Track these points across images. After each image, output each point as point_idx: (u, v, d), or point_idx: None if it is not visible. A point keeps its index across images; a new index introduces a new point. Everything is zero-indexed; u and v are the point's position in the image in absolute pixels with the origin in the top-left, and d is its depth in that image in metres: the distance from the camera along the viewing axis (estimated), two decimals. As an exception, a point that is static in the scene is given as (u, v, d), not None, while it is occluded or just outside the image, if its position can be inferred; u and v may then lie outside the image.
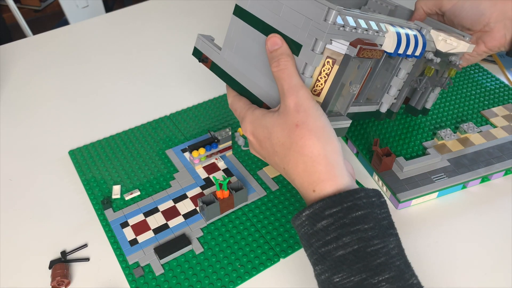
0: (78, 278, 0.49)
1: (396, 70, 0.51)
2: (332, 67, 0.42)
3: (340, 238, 0.35)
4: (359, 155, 0.62)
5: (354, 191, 0.37)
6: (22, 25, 1.59)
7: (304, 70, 0.41)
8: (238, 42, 0.47)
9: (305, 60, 0.41)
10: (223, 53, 0.48)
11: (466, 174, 0.56)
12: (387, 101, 0.53)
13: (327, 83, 0.42)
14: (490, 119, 0.65)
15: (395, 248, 0.37)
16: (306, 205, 0.39)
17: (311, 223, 0.37)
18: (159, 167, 0.61)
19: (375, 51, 0.43)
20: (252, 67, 0.46)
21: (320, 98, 0.43)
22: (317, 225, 0.37)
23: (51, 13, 2.68)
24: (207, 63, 0.50)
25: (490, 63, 0.79)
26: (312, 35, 0.40)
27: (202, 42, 0.51)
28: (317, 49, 0.40)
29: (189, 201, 0.56)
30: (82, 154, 0.64)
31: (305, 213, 0.38)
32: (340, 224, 0.36)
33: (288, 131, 0.40)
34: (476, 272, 0.48)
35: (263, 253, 0.50)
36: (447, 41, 0.52)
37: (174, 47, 0.88)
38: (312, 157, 0.39)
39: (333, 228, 0.36)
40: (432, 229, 0.53)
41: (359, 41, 0.41)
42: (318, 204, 0.37)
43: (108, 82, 0.80)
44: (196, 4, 1.02)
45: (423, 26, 0.51)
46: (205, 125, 0.68)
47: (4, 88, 0.79)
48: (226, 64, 0.48)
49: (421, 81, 0.56)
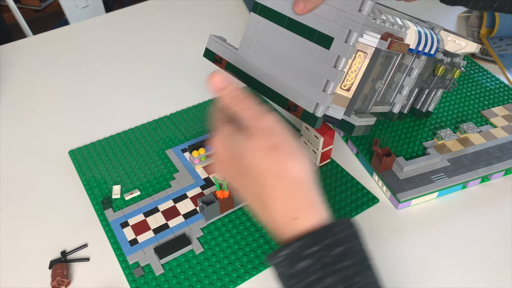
0: (78, 278, 0.49)
1: (409, 70, 0.51)
2: (363, 60, 0.41)
3: (322, 279, 0.33)
4: (359, 155, 0.62)
5: (333, 225, 0.35)
6: (22, 25, 1.59)
7: (337, 63, 0.41)
8: (258, 40, 0.46)
9: (338, 53, 0.40)
10: (241, 52, 0.48)
11: (466, 174, 0.56)
12: (399, 101, 0.53)
13: (357, 77, 0.42)
14: (490, 119, 0.65)
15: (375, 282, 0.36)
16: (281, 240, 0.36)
17: (289, 263, 0.34)
18: (159, 167, 0.61)
19: (402, 45, 0.42)
20: (274, 65, 0.45)
21: (350, 93, 0.43)
22: (296, 266, 0.34)
23: (51, 13, 2.68)
24: (221, 64, 0.50)
25: (490, 63, 0.80)
26: (346, 27, 0.40)
27: (215, 43, 0.50)
28: (351, 41, 0.40)
29: (189, 201, 0.56)
30: (82, 154, 0.64)
31: (284, 253, 0.34)
32: (322, 264, 0.33)
33: (264, 154, 0.36)
34: (476, 272, 0.48)
35: (263, 253, 0.50)
36: (456, 41, 0.53)
37: (174, 47, 0.88)
38: (294, 180, 0.36)
39: (315, 269, 0.33)
40: (432, 229, 0.53)
41: (389, 35, 0.41)
42: (296, 244, 0.34)
43: (108, 82, 0.80)
44: (196, 4, 1.02)
45: (434, 26, 0.51)
46: (205, 125, 0.68)
47: (4, 88, 0.79)
48: (244, 64, 0.47)
49: (431, 81, 0.56)
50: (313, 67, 0.42)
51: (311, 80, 0.42)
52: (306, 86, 0.42)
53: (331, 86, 0.41)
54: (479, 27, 0.89)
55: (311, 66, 0.42)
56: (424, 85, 0.57)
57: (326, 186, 0.57)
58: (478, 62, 0.79)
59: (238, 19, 0.96)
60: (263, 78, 0.46)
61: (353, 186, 0.58)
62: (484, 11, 0.61)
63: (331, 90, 0.41)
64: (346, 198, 0.56)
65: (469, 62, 0.79)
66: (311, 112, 0.42)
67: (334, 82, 0.41)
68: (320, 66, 0.42)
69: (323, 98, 0.41)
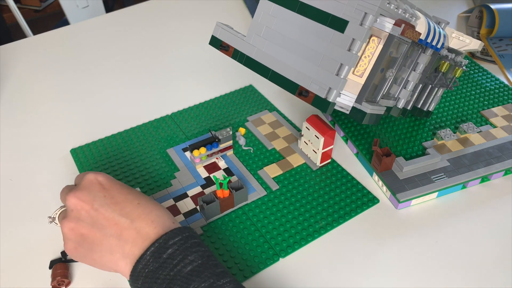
0: (78, 278, 0.49)
1: (414, 64, 0.51)
2: (377, 46, 0.41)
3: (186, 258, 0.40)
4: (359, 155, 0.62)
5: (187, 227, 0.43)
6: (22, 25, 1.59)
7: (351, 46, 0.40)
8: (268, 25, 0.46)
9: (353, 36, 0.40)
10: (249, 39, 0.47)
11: (466, 174, 0.56)
12: (404, 96, 0.53)
13: (370, 63, 0.42)
14: (490, 119, 0.66)
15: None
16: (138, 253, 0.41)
17: (156, 257, 0.40)
18: (160, 165, 0.61)
19: (415, 32, 0.42)
20: (285, 50, 0.45)
21: (362, 80, 0.42)
22: (162, 256, 0.40)
23: (51, 13, 2.68)
24: (228, 51, 0.50)
25: (490, 63, 0.80)
26: (361, 10, 0.40)
27: (222, 30, 0.50)
28: (367, 23, 0.40)
29: (190, 200, 0.56)
30: (84, 152, 0.64)
31: (150, 251, 0.40)
32: (183, 248, 0.41)
33: (114, 193, 0.45)
34: (476, 272, 0.48)
35: (262, 253, 0.50)
36: (460, 38, 0.53)
37: (175, 46, 0.88)
38: (150, 204, 0.45)
39: (178, 252, 0.40)
40: (432, 229, 0.53)
41: (402, 21, 0.41)
42: (161, 238, 0.41)
43: (109, 82, 0.80)
44: (196, 4, 1.02)
45: (441, 21, 0.51)
46: (206, 125, 0.68)
47: (4, 88, 0.79)
48: (253, 50, 0.47)
49: (435, 77, 0.56)
50: (326, 51, 0.42)
51: (323, 65, 0.42)
52: (319, 71, 0.42)
53: (345, 69, 0.41)
54: (479, 27, 0.89)
55: (324, 50, 0.42)
56: (428, 82, 0.57)
57: (326, 186, 0.58)
58: (478, 62, 0.79)
59: (238, 19, 0.96)
60: (272, 64, 0.46)
61: (353, 186, 0.58)
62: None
63: (345, 73, 0.41)
64: (346, 198, 0.56)
65: (469, 62, 0.79)
66: (323, 97, 0.42)
67: (349, 66, 0.41)
68: (333, 50, 0.41)
69: (337, 82, 0.41)
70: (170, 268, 0.40)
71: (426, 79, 0.56)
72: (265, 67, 0.46)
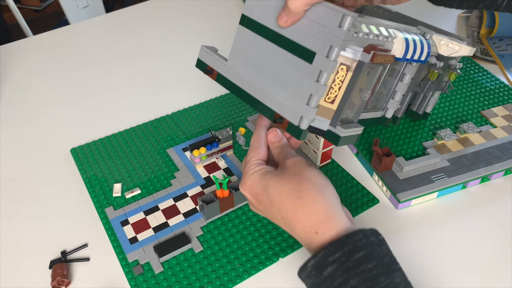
0: (78, 278, 0.49)
1: (400, 75, 0.51)
2: (346, 73, 0.41)
3: (347, 281, 0.36)
4: (359, 155, 0.62)
5: (352, 234, 0.38)
6: (22, 25, 1.59)
7: (319, 77, 0.41)
8: (246, 52, 0.46)
9: (320, 68, 0.40)
10: (230, 63, 0.48)
11: (466, 174, 0.56)
12: (392, 107, 0.53)
13: (341, 90, 0.42)
14: (490, 119, 0.66)
15: (401, 283, 0.38)
16: (310, 254, 0.40)
17: (317, 272, 0.38)
18: (160, 165, 0.61)
19: (387, 57, 0.42)
20: (261, 77, 0.45)
21: (334, 106, 0.43)
22: (323, 273, 0.37)
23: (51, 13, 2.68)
24: (213, 75, 0.50)
25: (490, 63, 0.80)
26: (327, 42, 0.40)
27: (206, 53, 0.50)
28: (332, 56, 0.40)
29: (189, 200, 0.56)
30: (84, 152, 0.64)
31: (310, 264, 0.38)
32: (344, 268, 0.37)
33: (285, 180, 0.42)
34: (476, 272, 0.48)
35: (262, 253, 0.50)
36: (449, 45, 0.53)
37: (175, 46, 0.88)
38: (311, 199, 0.41)
39: (339, 273, 0.37)
40: (432, 229, 0.53)
41: (372, 47, 0.41)
42: (320, 253, 0.38)
43: (109, 82, 0.80)
44: (196, 4, 1.02)
45: (426, 31, 0.51)
46: (206, 124, 0.68)
47: (5, 88, 0.79)
48: (233, 75, 0.48)
49: (424, 85, 0.56)
50: (297, 81, 0.42)
51: (295, 93, 0.42)
52: (291, 99, 0.43)
53: (314, 100, 0.41)
54: (479, 27, 0.89)
55: (295, 79, 0.42)
56: (418, 90, 0.57)
57: (326, 186, 0.57)
58: (478, 62, 0.79)
59: (238, 19, 0.96)
60: (251, 90, 0.46)
61: (353, 186, 0.58)
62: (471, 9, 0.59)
63: (314, 104, 0.41)
64: (346, 199, 0.56)
65: (469, 62, 0.79)
66: (296, 125, 0.42)
67: (317, 97, 0.41)
68: (303, 80, 0.42)
69: (307, 112, 0.42)
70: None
71: (416, 87, 0.56)
72: (245, 92, 0.47)
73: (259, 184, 0.44)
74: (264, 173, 0.44)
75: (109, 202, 0.57)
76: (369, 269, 0.36)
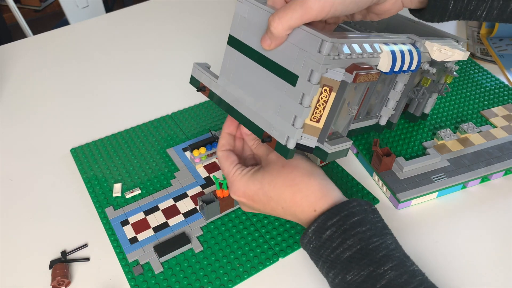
0: (78, 278, 0.49)
1: (393, 83, 0.51)
2: (329, 94, 0.41)
3: (344, 242, 0.40)
4: (359, 155, 0.62)
5: (347, 202, 0.43)
6: (22, 25, 1.59)
7: (302, 100, 0.41)
8: (235, 71, 0.46)
9: (302, 91, 0.41)
10: (221, 82, 0.48)
11: (466, 174, 0.56)
12: (386, 114, 0.53)
13: (325, 110, 0.42)
14: (490, 119, 0.66)
15: (392, 244, 0.41)
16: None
17: (317, 236, 0.42)
18: (160, 165, 0.61)
19: (370, 75, 0.42)
20: (250, 96, 0.45)
21: (320, 124, 0.43)
22: (323, 236, 0.42)
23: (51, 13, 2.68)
24: (205, 92, 0.50)
25: (490, 63, 0.80)
26: (308, 66, 0.40)
27: (198, 71, 0.51)
28: (314, 80, 0.40)
29: (189, 200, 0.56)
30: (84, 152, 0.64)
31: (311, 229, 0.42)
32: (342, 230, 0.41)
33: (276, 173, 0.45)
34: (476, 272, 0.48)
35: (262, 253, 0.50)
36: (442, 51, 0.52)
37: (175, 46, 0.88)
38: (305, 183, 0.45)
39: (337, 235, 0.41)
40: (432, 229, 0.53)
41: (355, 67, 0.41)
42: (320, 219, 0.42)
43: (109, 82, 0.80)
44: (196, 4, 1.02)
45: (417, 39, 0.50)
46: (206, 124, 0.68)
47: (4, 88, 0.79)
48: (224, 93, 0.48)
49: (418, 91, 0.56)
50: (282, 102, 0.42)
51: (281, 114, 0.43)
52: (277, 119, 0.43)
53: (298, 121, 0.42)
54: (479, 27, 0.89)
55: (281, 100, 0.43)
56: (411, 95, 0.56)
57: (326, 186, 0.57)
58: (478, 62, 0.79)
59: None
60: (241, 108, 0.47)
61: (353, 186, 0.58)
62: None
63: (298, 125, 0.42)
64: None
65: (469, 62, 0.79)
66: (283, 144, 0.43)
67: (301, 118, 0.41)
68: (288, 102, 0.42)
69: (293, 132, 0.42)
70: (330, 250, 0.41)
71: (410, 93, 0.56)
72: (236, 110, 0.47)
73: (252, 186, 0.46)
74: (253, 175, 0.47)
75: (109, 202, 0.57)
76: (363, 231, 0.41)
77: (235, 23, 0.45)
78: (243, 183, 0.47)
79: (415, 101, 0.61)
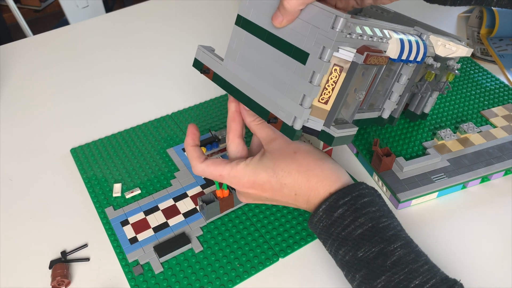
0: (78, 278, 0.49)
1: (397, 76, 0.51)
2: (339, 74, 0.41)
3: (356, 220, 0.42)
4: (359, 155, 0.62)
5: (358, 184, 0.44)
6: (22, 25, 1.59)
7: (312, 78, 0.41)
8: (242, 52, 0.46)
9: (313, 68, 0.40)
10: (226, 63, 0.48)
11: (466, 174, 0.56)
12: (389, 107, 0.53)
13: (334, 91, 0.42)
14: (490, 119, 0.66)
15: (398, 225, 0.43)
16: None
17: (328, 215, 0.43)
18: (160, 165, 0.61)
19: (380, 58, 0.42)
20: (256, 77, 0.45)
21: (328, 106, 0.43)
22: (334, 215, 0.42)
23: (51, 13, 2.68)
24: (209, 74, 0.50)
25: (490, 63, 0.80)
26: (320, 43, 0.40)
27: (203, 53, 0.50)
28: (325, 57, 0.40)
29: (189, 200, 0.56)
30: (84, 152, 0.64)
31: (322, 208, 0.43)
32: (353, 209, 0.42)
33: (290, 159, 0.45)
34: (476, 272, 0.48)
35: (262, 253, 0.50)
36: (446, 46, 0.52)
37: (175, 46, 0.88)
38: (319, 167, 0.45)
39: (348, 213, 0.42)
40: (432, 229, 0.53)
41: (366, 48, 0.41)
42: (331, 198, 0.43)
43: (109, 82, 0.80)
44: (196, 4, 1.02)
45: (423, 32, 0.51)
46: (206, 125, 0.68)
47: (4, 88, 0.79)
48: (229, 75, 0.48)
49: (421, 86, 0.56)
50: (291, 81, 0.42)
51: (289, 94, 0.42)
52: (285, 99, 0.43)
53: (307, 100, 0.41)
54: (479, 27, 0.89)
55: (289, 80, 0.42)
56: (415, 90, 0.56)
57: (326, 186, 0.57)
58: (478, 62, 0.79)
59: (238, 19, 0.96)
60: (246, 90, 0.46)
61: (353, 185, 0.58)
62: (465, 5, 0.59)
63: (307, 104, 0.41)
64: (346, 198, 0.56)
65: (469, 62, 0.79)
66: (289, 125, 0.42)
67: (310, 97, 0.41)
68: (297, 81, 0.42)
69: (300, 112, 0.42)
70: (341, 228, 0.42)
71: (413, 88, 0.56)
72: (241, 92, 0.47)
73: (264, 173, 0.45)
74: (260, 163, 0.46)
75: (109, 202, 0.57)
76: (373, 211, 0.42)
77: (244, 2, 0.45)
78: (251, 172, 0.46)
79: (416, 99, 0.61)
